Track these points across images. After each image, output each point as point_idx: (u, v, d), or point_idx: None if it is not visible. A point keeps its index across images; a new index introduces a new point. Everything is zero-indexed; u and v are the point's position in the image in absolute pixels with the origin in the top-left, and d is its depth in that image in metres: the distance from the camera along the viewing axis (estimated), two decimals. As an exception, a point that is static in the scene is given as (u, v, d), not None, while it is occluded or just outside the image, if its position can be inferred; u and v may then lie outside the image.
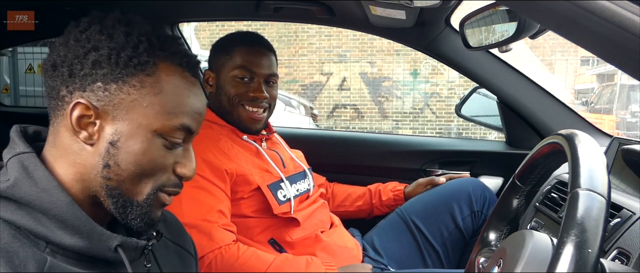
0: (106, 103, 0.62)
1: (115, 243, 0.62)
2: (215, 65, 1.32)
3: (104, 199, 0.64)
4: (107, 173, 0.63)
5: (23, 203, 0.59)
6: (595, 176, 0.58)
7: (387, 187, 1.61)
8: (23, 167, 0.61)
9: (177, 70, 0.65)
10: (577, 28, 0.59)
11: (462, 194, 1.48)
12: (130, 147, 0.63)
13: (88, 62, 0.61)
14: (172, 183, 0.67)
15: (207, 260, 1.12)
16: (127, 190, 0.64)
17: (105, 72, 0.61)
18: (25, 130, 0.67)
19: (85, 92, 0.62)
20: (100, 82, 0.62)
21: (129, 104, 0.62)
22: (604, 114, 7.48)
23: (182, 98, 0.65)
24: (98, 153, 0.63)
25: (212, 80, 1.33)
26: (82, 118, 0.62)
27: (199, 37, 8.50)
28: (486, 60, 1.62)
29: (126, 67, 0.62)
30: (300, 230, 1.29)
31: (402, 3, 1.16)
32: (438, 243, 1.45)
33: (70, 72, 0.62)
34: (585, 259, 0.52)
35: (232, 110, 1.30)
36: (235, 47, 1.29)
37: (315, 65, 8.69)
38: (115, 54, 0.61)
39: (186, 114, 0.65)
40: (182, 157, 0.67)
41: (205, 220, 1.13)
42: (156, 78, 0.63)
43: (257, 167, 1.27)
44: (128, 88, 0.62)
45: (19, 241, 0.58)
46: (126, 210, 0.65)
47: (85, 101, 0.62)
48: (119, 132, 0.62)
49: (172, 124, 0.64)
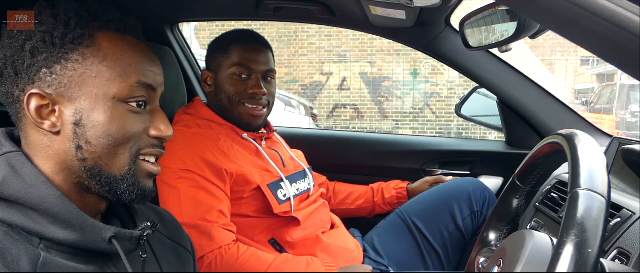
0: (57, 86, 0.63)
1: (109, 234, 0.62)
2: (212, 65, 1.32)
3: (88, 182, 0.65)
4: (81, 154, 0.63)
5: (13, 201, 0.59)
6: (595, 176, 0.58)
7: (390, 185, 1.62)
8: (10, 166, 0.61)
9: (116, 36, 0.66)
10: (577, 28, 0.59)
11: (462, 194, 1.48)
12: (95, 120, 0.63)
13: (26, 53, 0.62)
14: (149, 144, 0.67)
15: (207, 260, 1.12)
16: (106, 165, 0.64)
17: (46, 57, 0.62)
18: (12, 133, 0.68)
19: (35, 83, 0.62)
20: (45, 68, 0.62)
21: (79, 79, 0.63)
22: (604, 114, 7.48)
23: (129, 59, 0.65)
24: (67, 138, 0.63)
25: (210, 80, 1.33)
26: (41, 109, 0.63)
27: (199, 37, 8.50)
28: (486, 60, 1.62)
29: (63, 45, 0.62)
30: (301, 230, 1.29)
31: (402, 3, 1.16)
32: (438, 243, 1.45)
33: (15, 70, 0.63)
34: (585, 259, 0.52)
35: (232, 108, 1.30)
36: (232, 46, 1.30)
37: (315, 65, 8.69)
38: (49, 36, 0.62)
39: (138, 72, 0.66)
40: (153, 120, 0.68)
41: (204, 220, 1.13)
42: (96, 47, 0.64)
43: (257, 167, 1.27)
44: (72, 64, 0.63)
45: (12, 238, 0.58)
46: (112, 186, 0.65)
47: (37, 91, 0.62)
48: (79, 110, 0.63)
49: (128, 85, 0.64)
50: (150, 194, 0.69)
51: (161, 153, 0.69)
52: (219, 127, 1.29)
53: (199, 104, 1.35)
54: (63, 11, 0.63)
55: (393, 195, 1.58)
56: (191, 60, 1.94)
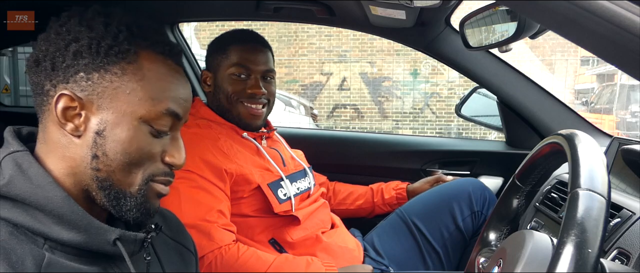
0: (90, 92, 0.63)
1: (113, 236, 0.62)
2: (212, 65, 1.33)
3: (96, 193, 0.64)
4: (96, 164, 0.63)
5: (19, 201, 0.59)
6: (595, 176, 0.58)
7: (390, 185, 1.62)
8: (17, 165, 0.61)
9: (159, 58, 0.66)
10: (577, 28, 0.59)
11: (462, 194, 1.48)
12: (117, 135, 0.63)
13: (69, 53, 0.62)
14: (162, 172, 0.67)
15: (207, 260, 1.12)
16: (118, 181, 0.64)
17: (87, 62, 0.62)
18: (20, 131, 0.68)
19: (69, 84, 0.62)
20: (83, 72, 0.62)
21: (112, 92, 0.63)
22: (604, 114, 7.48)
23: (165, 84, 0.66)
24: (86, 145, 0.63)
25: (209, 80, 1.33)
26: (67, 110, 0.63)
27: (199, 37, 8.50)
28: (486, 60, 1.62)
29: (107, 55, 0.62)
30: (301, 229, 1.29)
31: (402, 3, 1.16)
32: (438, 243, 1.45)
33: (52, 65, 0.63)
34: (585, 259, 0.52)
35: (231, 107, 1.30)
36: (230, 45, 1.30)
37: (315, 65, 8.69)
38: (96, 44, 0.62)
39: (170, 99, 0.66)
40: (171, 146, 0.68)
41: (204, 220, 1.13)
42: (138, 65, 0.64)
43: (257, 166, 1.27)
44: (110, 76, 0.63)
45: (17, 238, 0.58)
46: (119, 202, 0.65)
47: (69, 92, 0.62)
48: (104, 121, 0.63)
49: (157, 110, 0.65)
50: (154, 213, 0.69)
51: (170, 181, 0.70)
52: (218, 127, 1.29)
53: (198, 104, 1.35)
54: (116, 22, 0.64)
55: (392, 196, 1.58)
56: (191, 60, 1.94)
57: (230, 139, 1.27)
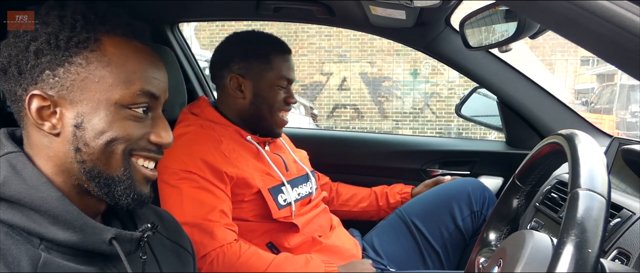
0: (59, 89, 0.62)
1: (109, 235, 0.62)
2: (249, 72, 1.29)
3: (87, 184, 0.65)
4: (80, 156, 0.63)
5: (14, 202, 0.59)
6: (595, 176, 0.58)
7: (394, 189, 1.61)
8: (11, 166, 0.61)
9: (123, 41, 0.65)
10: (577, 28, 0.59)
11: (462, 195, 1.48)
12: (96, 125, 0.63)
13: (31, 53, 0.62)
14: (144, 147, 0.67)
15: (209, 258, 1.12)
16: (103, 166, 0.64)
17: (49, 59, 0.62)
18: (13, 134, 0.68)
19: (38, 84, 0.62)
20: (48, 70, 0.62)
21: (81, 83, 0.63)
22: (604, 114, 7.48)
23: (134, 65, 0.65)
24: (66, 140, 0.63)
25: (245, 87, 1.30)
26: (42, 110, 0.63)
27: (199, 37, 8.51)
28: (486, 60, 1.62)
29: (67, 48, 0.62)
30: (299, 236, 1.29)
31: (402, 3, 1.16)
32: (438, 243, 1.45)
33: (18, 69, 0.62)
34: (585, 259, 0.52)
35: (270, 116, 1.31)
36: (272, 55, 1.30)
37: (315, 65, 8.69)
38: (54, 38, 0.62)
39: (142, 80, 0.65)
40: (154, 126, 0.67)
41: (206, 219, 1.14)
42: (101, 52, 0.63)
43: (258, 170, 1.27)
44: (75, 68, 0.62)
45: (12, 239, 0.58)
46: (110, 188, 0.65)
47: (39, 92, 0.62)
48: (80, 114, 0.63)
49: (131, 92, 0.64)
50: (147, 200, 0.69)
51: (158, 159, 0.69)
52: (222, 129, 1.28)
53: (204, 104, 1.33)
54: (70, 13, 0.63)
55: (398, 200, 1.57)
56: (191, 60, 1.94)
57: (233, 142, 1.27)
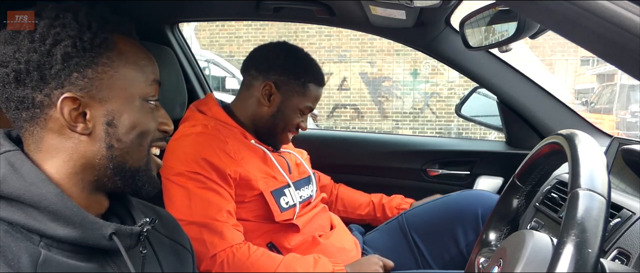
0: (89, 89, 0.63)
1: (109, 230, 0.63)
2: (283, 88, 1.29)
3: (108, 179, 0.66)
4: (111, 153, 0.65)
5: (13, 199, 0.59)
6: (595, 176, 0.58)
7: (392, 203, 1.59)
8: (10, 164, 0.61)
9: (126, 38, 0.68)
10: (577, 28, 0.59)
11: (470, 216, 1.39)
12: (127, 120, 0.66)
13: (57, 57, 0.61)
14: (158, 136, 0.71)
15: (219, 258, 1.13)
16: (131, 159, 0.67)
17: (77, 61, 0.62)
18: (9, 134, 0.67)
19: (65, 88, 0.62)
20: (76, 72, 0.62)
21: (108, 82, 0.64)
22: (604, 114, 7.48)
23: (141, 58, 0.69)
24: (98, 139, 0.65)
25: (274, 99, 1.30)
26: (71, 112, 0.63)
27: (199, 37, 8.51)
28: (486, 60, 1.62)
29: (92, 49, 0.63)
30: (299, 236, 1.29)
31: (402, 3, 1.16)
32: (437, 265, 1.41)
33: (41, 75, 0.61)
34: (585, 259, 0.52)
35: (281, 132, 1.33)
36: (310, 82, 1.30)
37: (315, 65, 8.67)
38: (79, 41, 0.62)
39: (151, 70, 0.70)
40: (160, 115, 0.72)
41: (215, 219, 1.14)
42: (118, 50, 0.66)
43: (262, 172, 1.27)
44: (101, 67, 0.64)
45: (12, 236, 0.58)
46: (134, 179, 0.68)
47: (69, 94, 0.62)
48: (111, 112, 0.65)
49: (148, 84, 0.68)
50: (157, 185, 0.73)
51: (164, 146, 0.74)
52: (227, 130, 1.27)
53: (211, 102, 1.32)
54: (83, 15, 0.64)
55: (395, 215, 1.54)
56: (191, 60, 1.94)
57: (238, 143, 1.26)
